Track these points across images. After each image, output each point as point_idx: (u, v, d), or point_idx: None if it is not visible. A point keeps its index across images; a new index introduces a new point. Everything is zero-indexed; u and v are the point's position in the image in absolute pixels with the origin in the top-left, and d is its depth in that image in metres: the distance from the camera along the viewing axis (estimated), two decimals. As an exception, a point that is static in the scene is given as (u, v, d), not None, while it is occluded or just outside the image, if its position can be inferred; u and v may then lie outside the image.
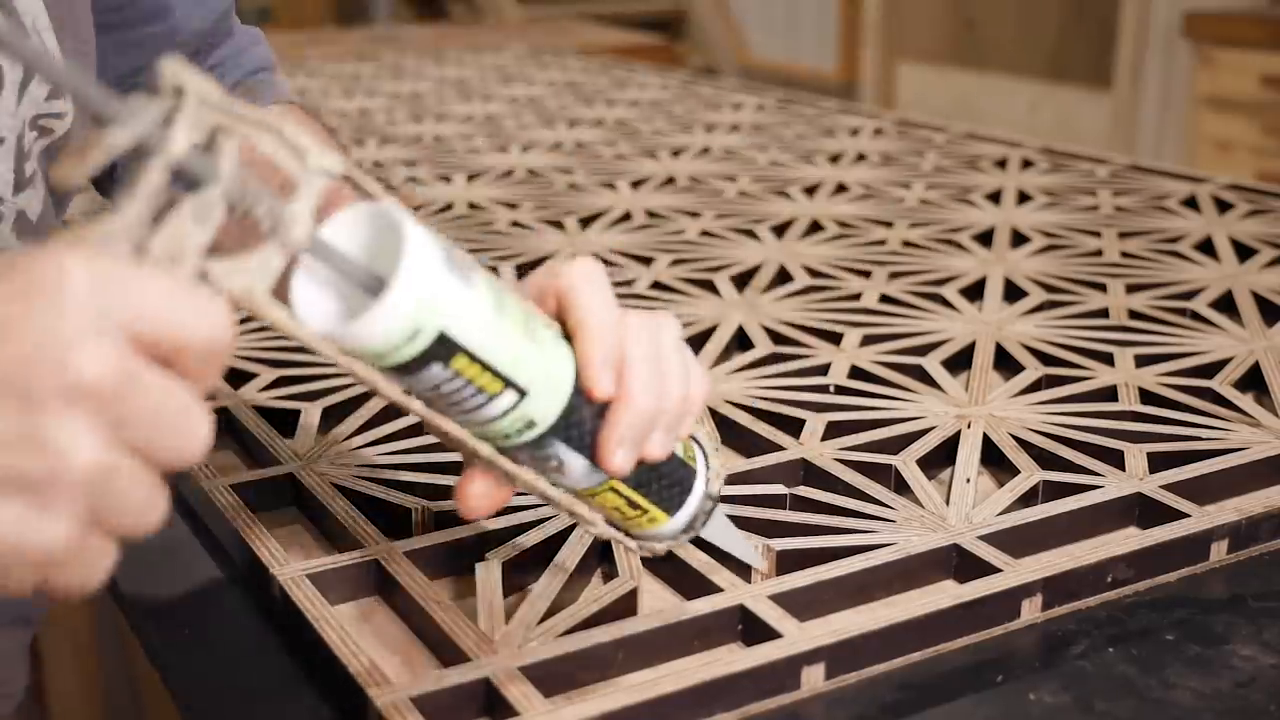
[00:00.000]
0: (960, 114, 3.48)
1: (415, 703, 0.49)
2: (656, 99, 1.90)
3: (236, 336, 0.35)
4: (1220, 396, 0.79)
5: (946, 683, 0.54)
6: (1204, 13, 2.82)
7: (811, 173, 1.39)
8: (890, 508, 0.64)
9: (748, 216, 1.21)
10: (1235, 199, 1.25)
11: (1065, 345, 0.87)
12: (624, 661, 0.53)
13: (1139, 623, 0.58)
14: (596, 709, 0.49)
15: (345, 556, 0.60)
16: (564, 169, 1.43)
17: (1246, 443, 0.71)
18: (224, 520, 0.64)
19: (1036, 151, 1.49)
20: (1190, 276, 1.02)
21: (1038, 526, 0.63)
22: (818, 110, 1.79)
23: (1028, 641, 0.57)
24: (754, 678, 0.52)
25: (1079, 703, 0.52)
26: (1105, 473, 0.68)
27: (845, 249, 1.10)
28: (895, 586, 0.59)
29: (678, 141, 1.57)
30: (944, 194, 1.30)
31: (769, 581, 0.57)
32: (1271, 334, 0.89)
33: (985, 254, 1.09)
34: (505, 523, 0.62)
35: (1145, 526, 0.64)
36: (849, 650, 0.54)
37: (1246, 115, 2.71)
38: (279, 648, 0.57)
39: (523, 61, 2.35)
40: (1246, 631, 0.57)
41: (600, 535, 0.51)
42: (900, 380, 0.81)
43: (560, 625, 0.55)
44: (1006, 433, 0.73)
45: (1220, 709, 0.52)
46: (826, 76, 4.19)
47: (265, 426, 0.74)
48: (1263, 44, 2.67)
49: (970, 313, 0.94)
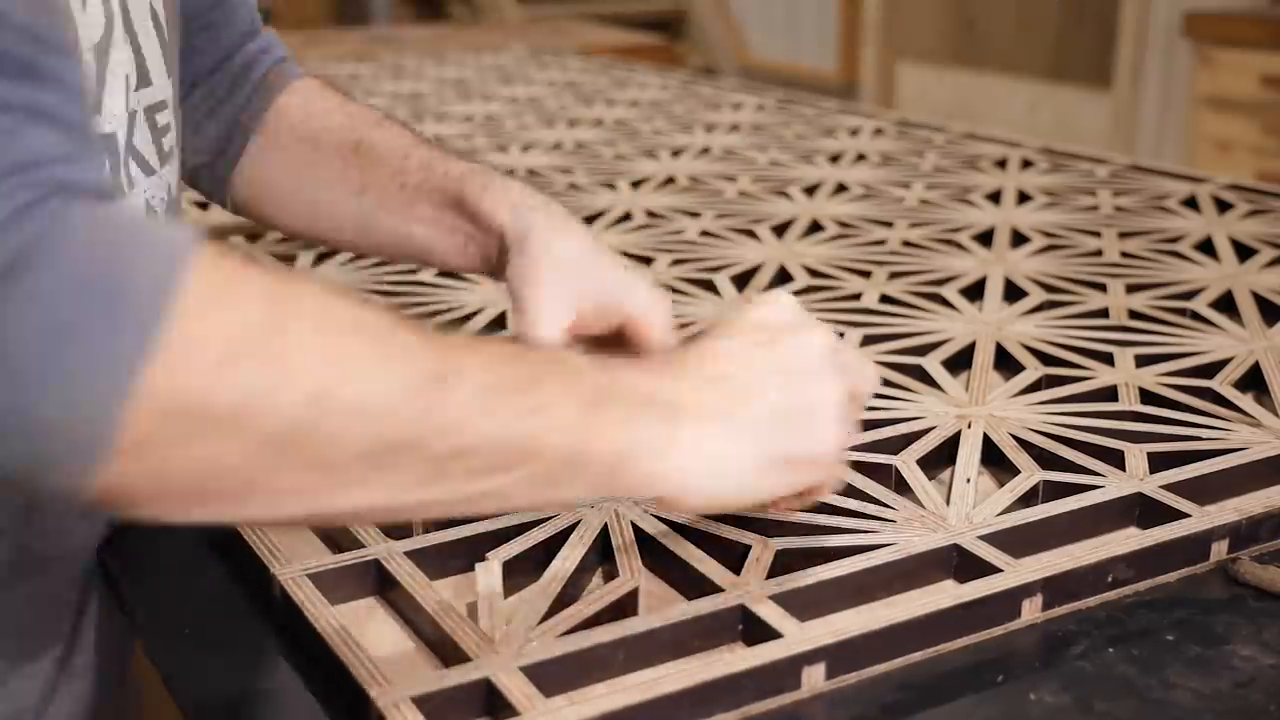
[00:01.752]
0: (960, 114, 3.48)
1: (415, 703, 0.49)
2: (656, 99, 1.90)
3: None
4: (1220, 396, 0.79)
5: (946, 683, 0.54)
6: (1204, 13, 2.82)
7: (811, 173, 1.39)
8: (890, 508, 0.64)
9: (748, 216, 1.21)
10: (1235, 199, 1.25)
11: (1065, 345, 0.87)
12: (624, 661, 0.53)
13: (1139, 623, 0.58)
14: (596, 709, 0.49)
15: (345, 556, 0.60)
16: (564, 169, 1.43)
17: (1246, 443, 0.71)
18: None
19: (1036, 151, 1.49)
20: (1190, 276, 1.02)
21: (1038, 526, 0.63)
22: (818, 110, 1.79)
23: (1028, 641, 0.57)
24: (754, 678, 0.52)
25: (1079, 703, 0.52)
26: (1105, 473, 0.68)
27: (845, 249, 1.10)
28: (895, 586, 0.59)
29: (678, 141, 1.57)
30: (944, 194, 1.30)
31: (769, 581, 0.57)
32: (1271, 334, 0.89)
33: (985, 254, 1.09)
34: (505, 523, 0.63)
35: (1145, 526, 0.64)
36: (849, 650, 0.54)
37: (1246, 115, 2.71)
38: (279, 648, 0.57)
39: (522, 62, 2.35)
40: (1246, 631, 0.57)
41: None
42: (900, 380, 0.81)
43: (560, 625, 0.55)
44: (1006, 433, 0.73)
45: (1220, 709, 0.52)
46: (826, 76, 4.19)
47: (265, 426, 0.74)
48: (1263, 44, 2.67)
49: (970, 313, 0.94)
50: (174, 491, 0.41)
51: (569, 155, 1.51)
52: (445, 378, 0.44)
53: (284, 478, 0.42)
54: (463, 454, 0.44)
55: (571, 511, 0.63)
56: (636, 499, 0.54)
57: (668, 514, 0.58)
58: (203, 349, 0.39)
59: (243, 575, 0.62)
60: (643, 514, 0.63)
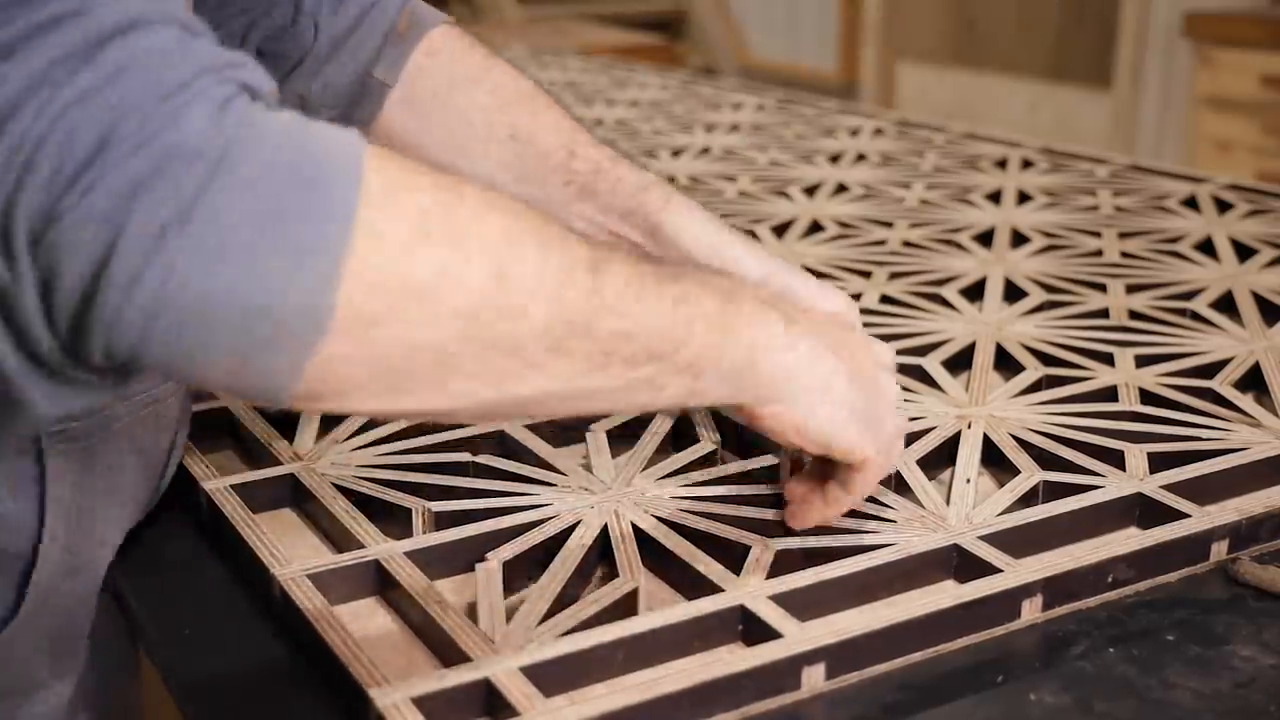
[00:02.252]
0: (960, 114, 3.48)
1: (415, 703, 0.49)
2: (656, 99, 1.90)
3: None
4: (1220, 396, 0.78)
5: (946, 683, 0.54)
6: (1204, 13, 2.82)
7: (811, 173, 1.39)
8: (891, 508, 0.64)
9: (748, 216, 1.21)
10: (1235, 199, 1.25)
11: (1065, 345, 0.87)
12: (624, 661, 0.53)
13: (1139, 623, 0.58)
14: (596, 709, 0.49)
15: (345, 556, 0.60)
16: (564, 169, 1.42)
17: (1246, 443, 0.71)
18: (224, 520, 0.64)
19: (1036, 151, 1.49)
20: (1190, 276, 1.02)
21: (1038, 526, 0.63)
22: (818, 110, 1.79)
23: (1028, 642, 0.57)
24: (754, 678, 0.52)
25: (1079, 703, 0.52)
26: (1105, 473, 0.68)
27: (845, 249, 1.10)
28: (896, 586, 0.59)
29: (678, 141, 1.57)
30: (944, 194, 1.29)
31: (769, 581, 0.57)
32: (1271, 334, 0.89)
33: (985, 254, 1.09)
34: (505, 523, 0.63)
35: (1145, 526, 0.64)
36: (849, 650, 0.54)
37: (1246, 115, 2.71)
38: (279, 648, 0.57)
39: (522, 61, 2.35)
40: (1246, 631, 0.57)
41: None
42: (900, 380, 0.81)
43: (560, 625, 0.55)
44: (1007, 433, 0.73)
45: (1220, 709, 0.52)
46: (826, 76, 4.19)
47: (265, 426, 0.74)
48: (1263, 44, 2.67)
49: (970, 313, 0.94)
50: (380, 373, 0.43)
51: (569, 155, 1.50)
52: (599, 266, 0.48)
53: (473, 358, 0.45)
54: (623, 338, 0.48)
55: (571, 515, 0.63)
56: (756, 410, 0.56)
57: (770, 432, 0.58)
58: (395, 229, 0.42)
59: (243, 575, 0.62)
60: (643, 514, 0.63)
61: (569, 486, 0.67)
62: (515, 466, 0.69)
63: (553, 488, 0.67)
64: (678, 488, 0.66)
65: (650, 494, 0.66)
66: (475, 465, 0.70)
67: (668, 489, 0.66)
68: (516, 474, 0.68)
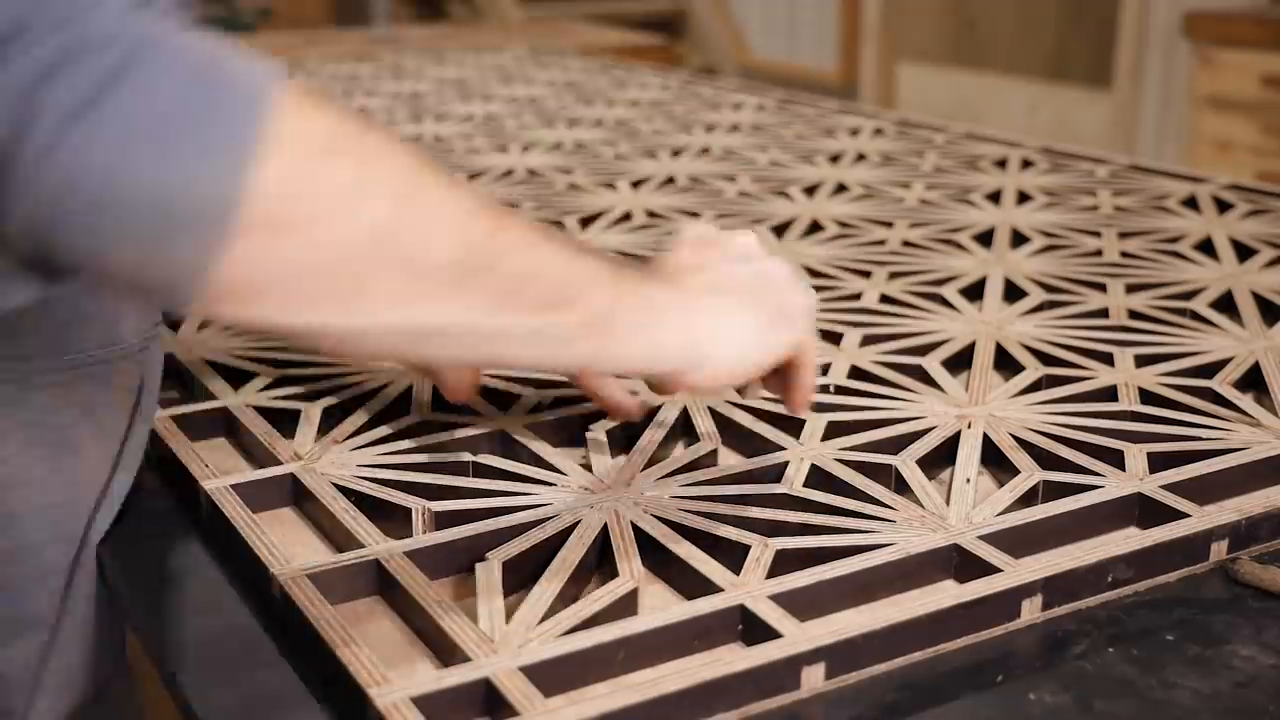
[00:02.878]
0: (960, 114, 3.48)
1: (415, 703, 0.49)
2: (656, 99, 1.90)
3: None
4: (1220, 396, 0.79)
5: (946, 683, 0.54)
6: (1204, 13, 2.82)
7: (811, 173, 1.39)
8: (890, 508, 0.64)
9: (748, 216, 1.21)
10: (1235, 199, 1.25)
11: (1065, 345, 0.87)
12: (624, 661, 0.53)
13: (1139, 623, 0.58)
14: (596, 709, 0.49)
15: (345, 556, 0.60)
16: (564, 169, 1.43)
17: (1246, 443, 0.71)
18: (224, 520, 0.64)
19: (1036, 151, 1.49)
20: (1190, 276, 1.02)
21: (1038, 526, 0.63)
22: (818, 110, 1.79)
23: (1028, 641, 0.57)
24: (754, 678, 0.52)
25: (1079, 703, 0.52)
26: (1105, 473, 0.68)
27: (845, 249, 1.10)
28: (895, 586, 0.59)
29: (678, 141, 1.57)
30: (944, 194, 1.30)
31: (769, 581, 0.57)
32: (1271, 334, 0.89)
33: (985, 254, 1.09)
34: (505, 523, 0.63)
35: (1145, 526, 0.64)
36: (849, 650, 0.54)
37: (1246, 115, 2.71)
38: (279, 648, 0.57)
39: (523, 61, 2.35)
40: (1246, 631, 0.57)
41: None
42: (900, 380, 0.81)
43: (560, 625, 0.55)
44: (1006, 433, 0.73)
45: (1220, 709, 0.52)
46: (826, 76, 4.19)
47: (265, 426, 0.74)
48: (1263, 44, 2.67)
49: (970, 313, 0.94)
50: (284, 280, 0.44)
51: (569, 155, 1.51)
52: (500, 213, 0.50)
53: (379, 278, 0.45)
54: (527, 278, 0.50)
55: (571, 515, 0.63)
56: (683, 379, 0.58)
57: (710, 392, 0.62)
58: (306, 138, 0.43)
59: (243, 575, 0.62)
60: (642, 514, 0.63)
61: (569, 486, 0.67)
62: (515, 466, 0.69)
63: (553, 488, 0.67)
64: (678, 488, 0.66)
65: (650, 494, 0.66)
66: (475, 465, 0.70)
67: (668, 489, 0.66)
68: (516, 474, 0.68)
